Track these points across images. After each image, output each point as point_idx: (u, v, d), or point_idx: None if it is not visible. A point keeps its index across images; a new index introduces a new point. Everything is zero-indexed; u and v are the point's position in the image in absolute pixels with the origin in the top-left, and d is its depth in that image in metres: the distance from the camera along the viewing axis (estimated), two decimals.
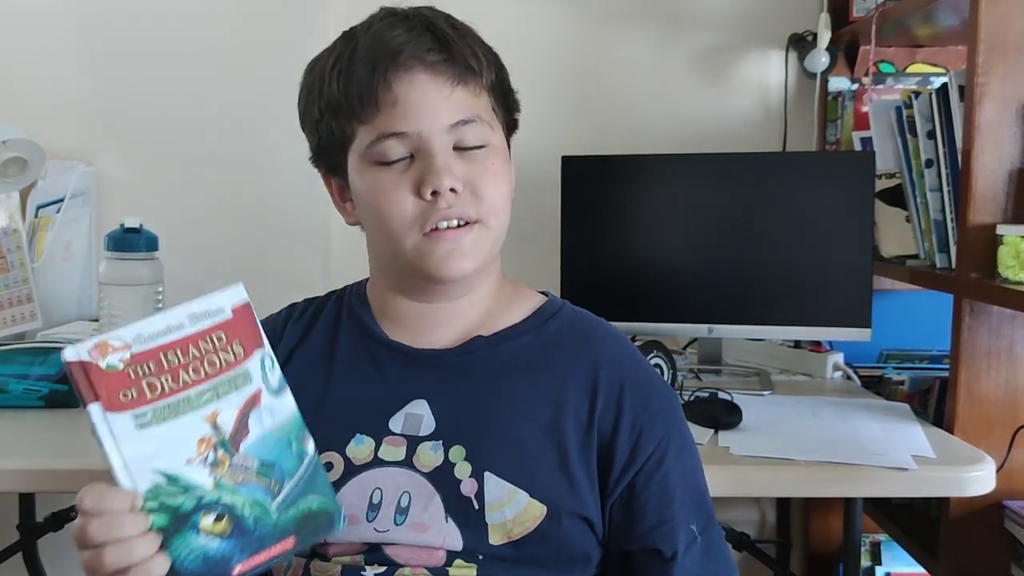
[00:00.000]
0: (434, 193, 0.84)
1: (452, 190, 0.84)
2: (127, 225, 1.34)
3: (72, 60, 1.92)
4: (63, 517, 1.66)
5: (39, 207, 1.80)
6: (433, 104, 0.85)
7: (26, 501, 1.77)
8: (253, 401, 0.74)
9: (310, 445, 0.78)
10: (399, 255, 0.88)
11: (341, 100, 0.86)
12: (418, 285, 0.91)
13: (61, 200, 1.81)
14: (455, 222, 0.86)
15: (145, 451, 0.69)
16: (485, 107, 0.89)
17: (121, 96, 1.92)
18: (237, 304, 0.75)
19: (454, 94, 0.85)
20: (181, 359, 0.71)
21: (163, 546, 0.69)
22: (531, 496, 0.84)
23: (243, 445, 0.73)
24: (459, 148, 0.86)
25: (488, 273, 0.93)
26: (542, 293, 0.99)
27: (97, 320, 1.40)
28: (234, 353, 0.74)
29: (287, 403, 0.77)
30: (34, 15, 1.91)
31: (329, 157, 0.92)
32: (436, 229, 0.85)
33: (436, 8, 0.90)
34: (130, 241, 1.33)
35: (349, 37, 0.89)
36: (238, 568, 0.71)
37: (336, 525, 0.78)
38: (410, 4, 0.91)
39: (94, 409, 0.68)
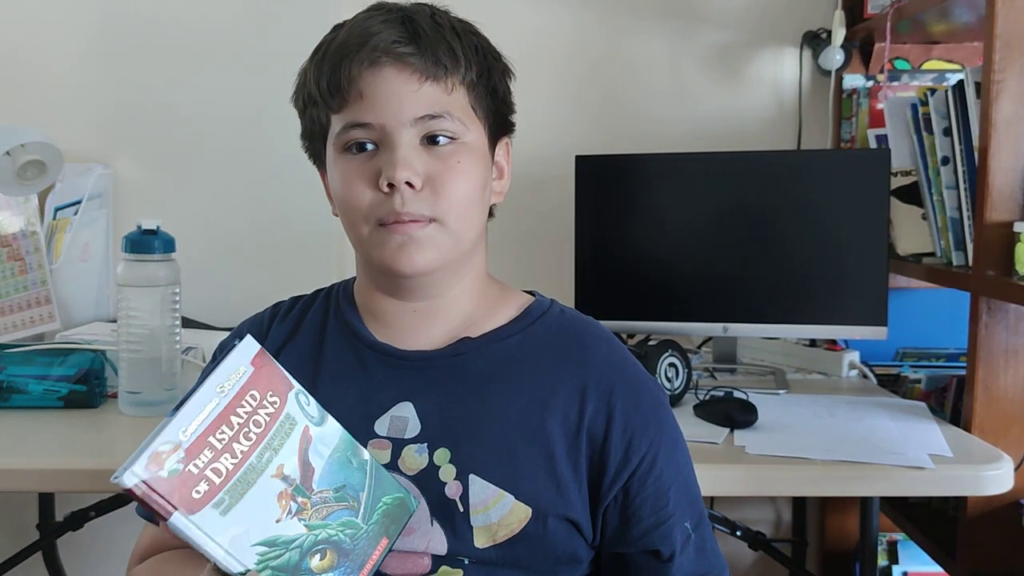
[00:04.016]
0: (390, 186, 0.83)
1: (409, 184, 0.83)
2: (144, 227, 1.34)
3: (90, 63, 1.94)
4: (82, 516, 1.67)
5: (57, 209, 1.82)
6: (398, 97, 0.83)
7: (45, 500, 1.79)
8: (306, 440, 0.75)
9: (364, 453, 0.79)
10: (359, 245, 0.89)
11: (315, 90, 0.87)
12: (387, 280, 0.90)
13: (79, 202, 1.82)
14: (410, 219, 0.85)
15: (238, 531, 0.70)
16: (459, 104, 0.86)
17: (138, 98, 1.94)
18: (254, 357, 0.75)
19: (422, 88, 0.84)
20: (229, 433, 0.71)
21: None
22: (516, 498, 0.83)
23: (314, 483, 0.74)
24: (427, 143, 0.85)
25: (463, 274, 0.91)
26: (528, 292, 0.98)
27: (115, 321, 1.40)
28: (271, 404, 0.74)
29: (333, 427, 0.78)
30: (51, 19, 1.93)
31: (314, 146, 0.93)
32: (389, 223, 0.85)
33: (433, 5, 0.89)
34: (147, 243, 1.33)
35: (336, 28, 0.89)
36: None
37: (412, 506, 0.80)
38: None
39: (178, 519, 0.67)
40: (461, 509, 0.83)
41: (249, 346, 0.75)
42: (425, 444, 0.86)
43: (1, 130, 1.58)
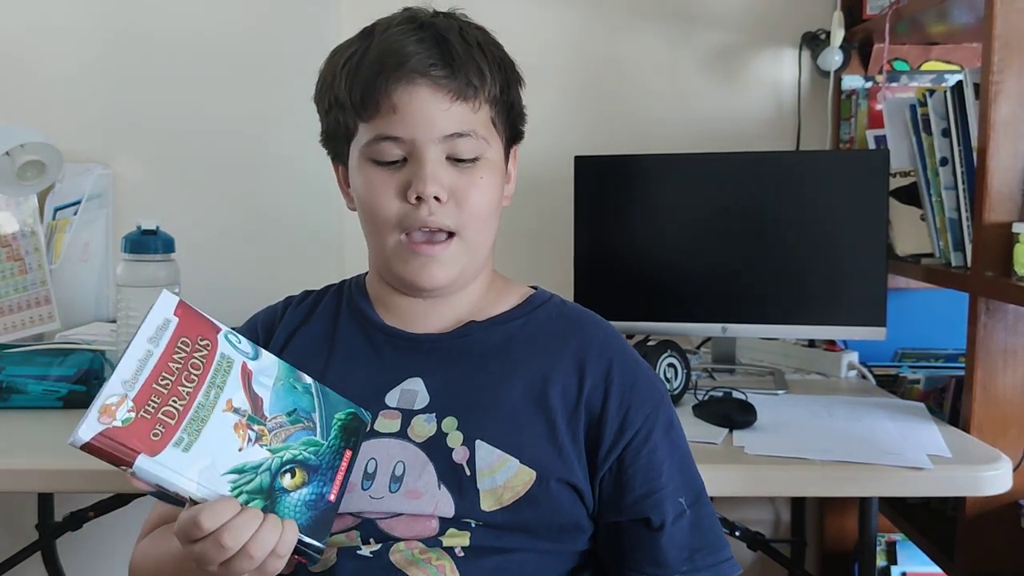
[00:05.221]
0: (418, 198, 0.89)
1: (436, 198, 0.89)
2: (144, 227, 1.34)
3: (89, 63, 1.93)
4: (81, 517, 1.67)
5: (56, 209, 1.82)
6: (430, 115, 0.89)
7: (45, 501, 1.78)
8: (246, 374, 0.80)
9: (306, 378, 0.84)
10: (382, 251, 0.94)
11: (346, 97, 0.91)
12: (403, 285, 0.96)
13: (78, 202, 1.82)
14: (436, 228, 0.91)
15: (205, 464, 0.74)
16: (483, 122, 0.92)
17: (138, 99, 1.94)
18: (175, 308, 0.80)
19: (452, 108, 0.89)
20: (171, 378, 0.75)
21: None
22: (521, 462, 0.88)
23: (266, 410, 0.79)
24: (451, 158, 0.91)
25: (475, 274, 0.97)
26: (531, 287, 1.03)
27: (114, 321, 1.40)
28: (204, 347, 0.79)
29: (269, 359, 0.83)
30: (51, 19, 1.93)
31: (334, 145, 0.98)
32: (416, 240, 0.91)
33: (456, 16, 0.93)
34: (147, 243, 1.34)
35: (367, 35, 0.93)
36: (332, 495, 0.80)
37: (365, 418, 0.86)
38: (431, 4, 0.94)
39: (143, 461, 0.71)
40: (468, 473, 0.87)
41: (168, 299, 0.80)
42: (433, 414, 0.90)
43: (1, 130, 1.58)
